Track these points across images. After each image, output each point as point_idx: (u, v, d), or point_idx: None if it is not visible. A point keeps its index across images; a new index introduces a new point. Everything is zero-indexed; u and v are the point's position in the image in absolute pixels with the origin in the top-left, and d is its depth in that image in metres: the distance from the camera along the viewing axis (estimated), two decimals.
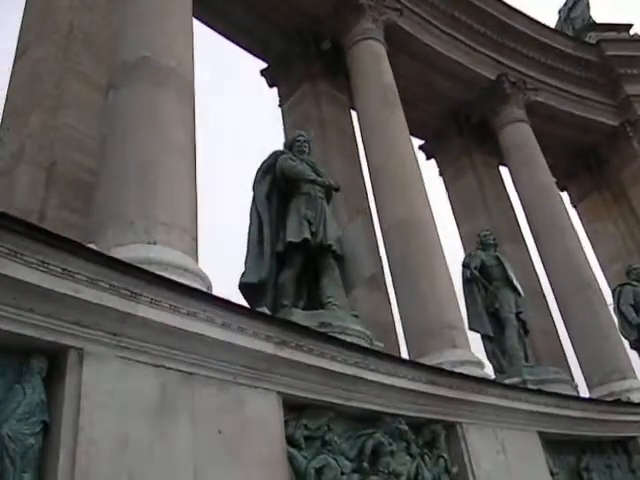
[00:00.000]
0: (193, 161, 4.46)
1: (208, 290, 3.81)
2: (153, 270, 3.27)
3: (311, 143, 6.33)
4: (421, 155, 12.57)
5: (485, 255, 8.29)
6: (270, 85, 10.08)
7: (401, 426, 4.58)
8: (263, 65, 10.15)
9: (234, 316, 3.40)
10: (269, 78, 10.09)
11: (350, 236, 5.98)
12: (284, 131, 9.24)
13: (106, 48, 5.03)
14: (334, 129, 9.04)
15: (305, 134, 6.37)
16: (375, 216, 7.80)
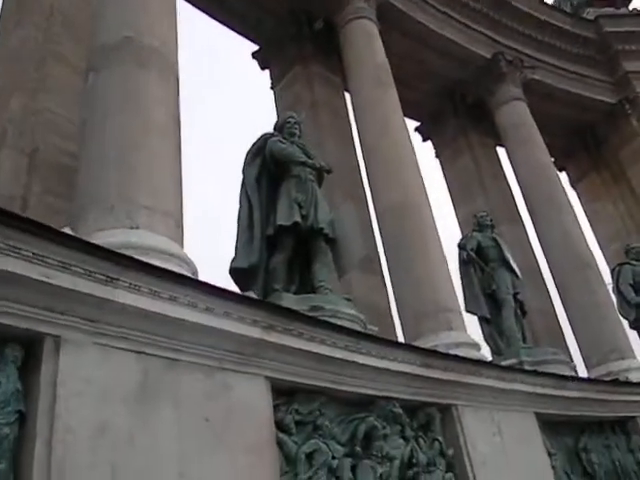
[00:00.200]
0: (177, 143, 4.34)
1: (193, 275, 3.72)
2: (135, 255, 3.19)
3: (302, 125, 6.20)
4: (417, 137, 12.44)
5: (482, 236, 8.18)
6: (262, 68, 9.91)
7: (395, 409, 4.52)
8: (255, 47, 9.97)
9: (218, 300, 3.31)
10: (261, 60, 9.92)
11: (342, 219, 5.91)
12: (276, 114, 9.08)
13: (87, 30, 4.88)
14: (327, 111, 8.89)
15: (296, 116, 6.25)
16: (369, 199, 7.69)
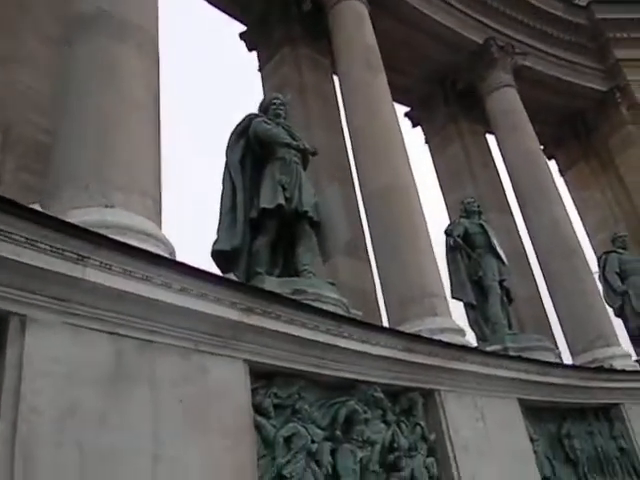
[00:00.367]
0: (156, 120, 4.22)
1: (171, 256, 3.63)
2: (110, 234, 3.09)
3: (287, 106, 6.08)
4: (407, 123, 12.36)
5: (469, 223, 8.15)
6: (249, 49, 9.73)
7: (376, 394, 4.48)
8: (243, 28, 9.78)
9: (194, 281, 3.23)
10: (248, 42, 9.73)
11: (328, 202, 5.79)
12: (263, 96, 8.93)
13: (64, 0, 4.71)
14: (315, 94, 8.76)
15: (282, 97, 6.12)
16: (357, 182, 7.60)
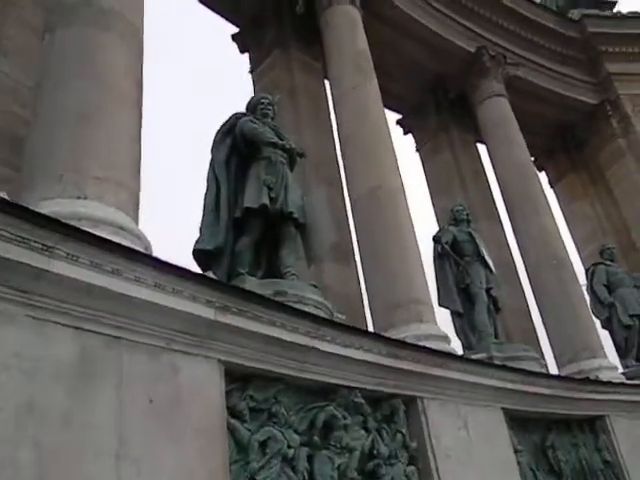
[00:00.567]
0: (138, 113, 4.12)
1: (146, 251, 3.51)
2: (81, 226, 2.98)
3: (275, 107, 6.00)
4: (398, 130, 12.32)
5: (457, 230, 8.08)
6: (241, 51, 9.65)
7: (357, 399, 4.36)
8: (235, 30, 9.72)
9: (168, 277, 3.11)
10: (240, 44, 9.66)
11: (315, 205, 5.74)
12: None
13: None
14: (306, 97, 8.68)
15: (270, 97, 6.04)
16: (345, 186, 7.52)
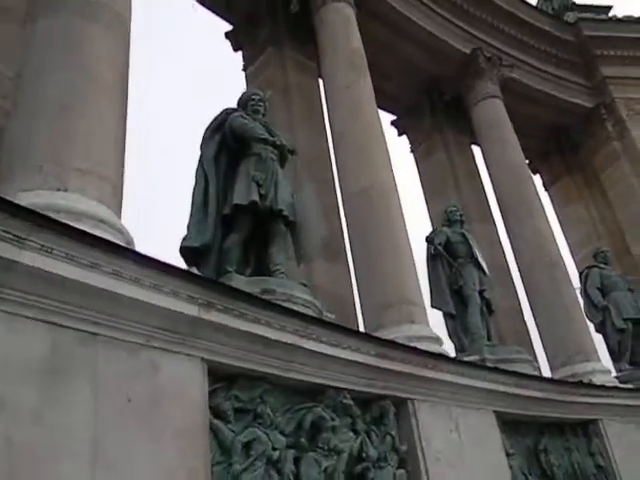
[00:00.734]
0: (123, 105, 4.01)
1: (128, 245, 3.40)
2: (60, 218, 2.87)
3: (267, 103, 5.91)
4: (393, 131, 12.26)
5: (451, 231, 8.00)
6: (235, 49, 9.56)
7: (345, 400, 4.26)
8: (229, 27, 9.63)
9: (148, 271, 3.00)
10: (234, 41, 9.56)
11: (307, 203, 5.62)
12: None
13: None
14: (300, 96, 8.59)
15: (261, 93, 5.95)
16: (338, 185, 7.42)
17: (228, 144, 5.38)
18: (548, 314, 8.92)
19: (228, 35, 9.60)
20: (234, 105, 5.71)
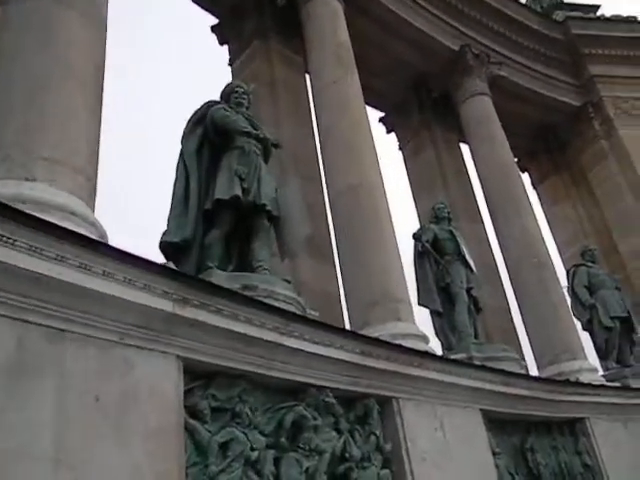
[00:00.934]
0: (97, 95, 3.87)
1: (101, 239, 3.27)
2: (27, 210, 2.74)
3: (251, 96, 5.79)
4: (381, 128, 12.17)
5: (438, 229, 7.93)
6: (221, 43, 9.42)
7: (328, 399, 4.16)
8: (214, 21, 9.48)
9: (119, 265, 2.88)
10: (220, 35, 9.42)
11: (289, 197, 5.50)
12: None
13: None
14: (286, 90, 8.47)
15: (245, 86, 5.82)
16: (324, 181, 7.32)
17: (210, 137, 5.25)
18: (535, 312, 8.88)
19: (214, 29, 9.46)
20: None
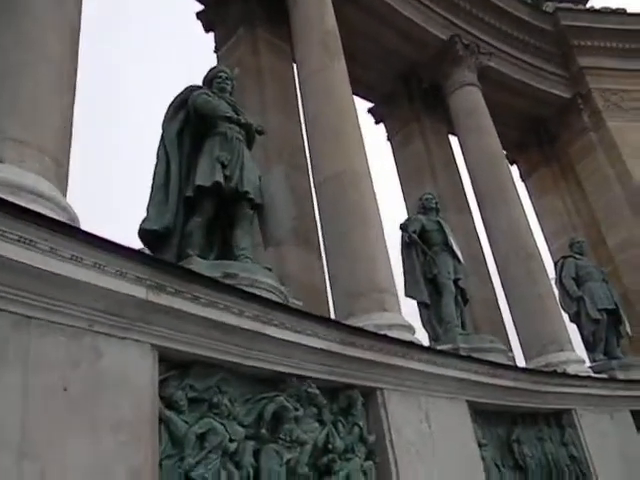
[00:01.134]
0: (70, 77, 3.75)
1: (72, 223, 3.15)
2: None
3: (234, 82, 5.67)
4: (370, 119, 12.08)
5: (426, 219, 7.85)
6: (206, 30, 9.25)
7: (310, 389, 4.07)
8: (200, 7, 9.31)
9: (89, 249, 2.76)
10: (205, 22, 9.26)
11: (272, 185, 5.39)
12: None
13: None
14: (272, 78, 8.33)
15: (228, 71, 5.70)
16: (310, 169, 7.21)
17: (192, 123, 5.13)
18: (523, 304, 8.85)
19: (199, 15, 9.29)
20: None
